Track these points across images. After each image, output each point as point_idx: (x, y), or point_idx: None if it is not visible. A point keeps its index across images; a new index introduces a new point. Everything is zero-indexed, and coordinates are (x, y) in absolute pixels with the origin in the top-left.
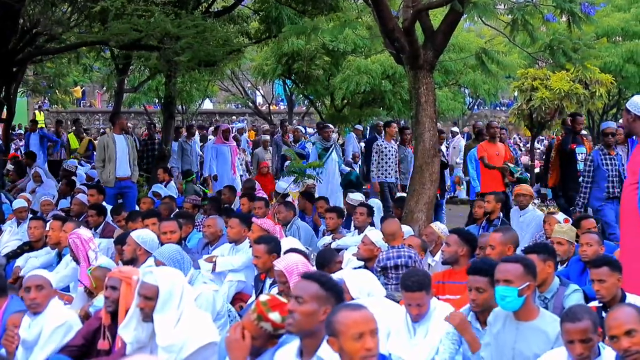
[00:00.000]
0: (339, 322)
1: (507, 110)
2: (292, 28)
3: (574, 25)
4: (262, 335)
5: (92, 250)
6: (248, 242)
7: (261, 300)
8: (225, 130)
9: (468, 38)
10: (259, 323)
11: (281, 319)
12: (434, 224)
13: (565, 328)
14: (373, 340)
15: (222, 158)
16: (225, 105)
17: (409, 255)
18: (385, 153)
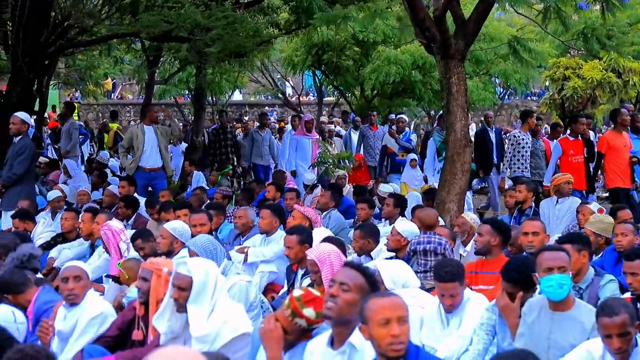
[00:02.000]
0: (368, 308)
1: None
2: (323, 16)
3: (608, 11)
4: (296, 330)
5: (124, 241)
6: (280, 232)
7: (295, 296)
8: (309, 121)
9: (499, 27)
10: (293, 319)
11: (315, 315)
12: (465, 213)
13: (603, 323)
14: (400, 327)
15: (302, 151)
16: (255, 97)
17: (438, 242)
18: (522, 145)
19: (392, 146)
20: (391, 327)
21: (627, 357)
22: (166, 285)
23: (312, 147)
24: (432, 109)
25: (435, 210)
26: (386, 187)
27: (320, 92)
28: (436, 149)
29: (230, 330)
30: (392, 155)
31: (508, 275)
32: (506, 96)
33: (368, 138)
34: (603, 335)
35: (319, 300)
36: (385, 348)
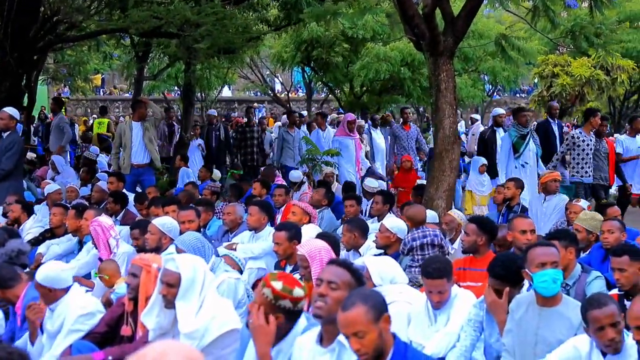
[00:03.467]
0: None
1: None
2: (312, 11)
3: (596, 9)
4: (263, 302)
5: (113, 237)
6: (268, 229)
7: (270, 273)
8: (351, 121)
9: (488, 24)
10: (262, 289)
11: (282, 288)
12: (452, 211)
13: (594, 315)
14: (354, 341)
15: (346, 153)
16: (244, 93)
17: (434, 234)
18: (582, 147)
19: None
20: (350, 342)
21: (620, 348)
22: (155, 282)
23: (355, 148)
24: (421, 106)
25: (423, 207)
26: (373, 182)
27: (309, 89)
28: (512, 145)
29: (218, 327)
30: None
31: (494, 272)
32: (495, 93)
33: (401, 139)
34: (595, 328)
35: (291, 278)
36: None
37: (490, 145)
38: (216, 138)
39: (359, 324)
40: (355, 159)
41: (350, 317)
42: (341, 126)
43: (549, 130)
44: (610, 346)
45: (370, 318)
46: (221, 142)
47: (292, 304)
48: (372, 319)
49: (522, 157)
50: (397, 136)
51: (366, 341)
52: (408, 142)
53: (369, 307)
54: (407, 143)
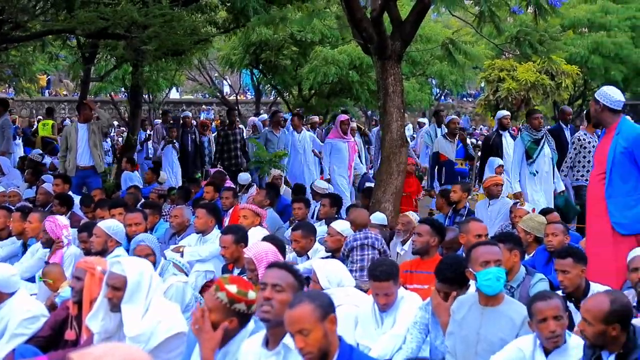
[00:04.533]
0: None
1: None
2: (260, 17)
3: (540, 17)
4: (218, 307)
5: (65, 237)
6: (215, 232)
7: (222, 276)
8: (344, 122)
9: (435, 29)
10: (215, 294)
11: (237, 291)
12: (410, 213)
13: (538, 307)
14: (300, 340)
15: (339, 157)
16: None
17: (375, 238)
18: (588, 149)
19: (446, 152)
20: (295, 340)
21: (560, 343)
22: (100, 285)
23: (349, 152)
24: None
25: (366, 211)
26: (322, 183)
27: (258, 91)
28: (525, 150)
29: (164, 330)
30: (447, 164)
31: (442, 276)
32: (442, 97)
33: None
34: (538, 319)
35: (244, 282)
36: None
37: (496, 150)
38: (192, 141)
39: (304, 322)
40: (348, 163)
41: (296, 315)
42: (334, 128)
43: (561, 136)
44: (550, 338)
45: (316, 317)
46: (197, 145)
47: (247, 307)
48: (318, 318)
49: (535, 163)
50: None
51: (311, 339)
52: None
53: (315, 306)
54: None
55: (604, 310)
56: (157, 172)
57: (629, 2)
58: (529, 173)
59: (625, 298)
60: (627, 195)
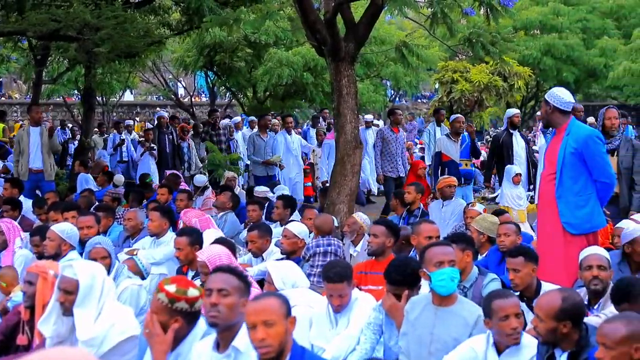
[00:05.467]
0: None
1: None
2: (213, 19)
3: (492, 18)
4: (160, 308)
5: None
6: (169, 234)
7: (164, 279)
8: None
9: (389, 31)
10: (156, 295)
11: (175, 290)
12: (356, 214)
13: (499, 305)
14: (267, 330)
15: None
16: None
17: (337, 246)
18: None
19: (449, 153)
20: (256, 332)
21: (519, 340)
22: (52, 289)
23: None
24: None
25: (331, 217)
26: (262, 188)
27: (212, 93)
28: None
29: (117, 333)
30: (450, 164)
31: (391, 278)
32: (397, 98)
33: (389, 142)
34: (500, 317)
35: (184, 281)
36: (255, 350)
37: (507, 150)
38: (169, 142)
39: (270, 313)
40: None
41: (263, 305)
42: (333, 129)
43: None
44: (511, 335)
45: (282, 312)
46: (175, 146)
47: (189, 305)
48: (284, 314)
49: None
50: (385, 140)
51: (273, 332)
52: (397, 146)
53: (281, 302)
54: (395, 147)
55: (555, 307)
56: (110, 175)
57: (579, 4)
58: None
59: (577, 296)
60: (577, 195)
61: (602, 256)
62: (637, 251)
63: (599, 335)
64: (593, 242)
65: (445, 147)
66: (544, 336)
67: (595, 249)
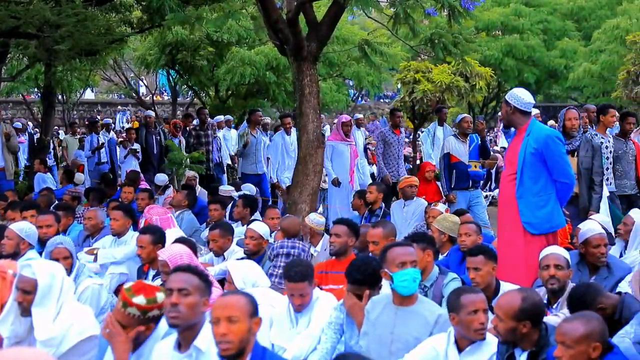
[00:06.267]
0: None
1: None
2: (175, 17)
3: (454, 19)
4: (132, 321)
5: None
6: (130, 233)
7: (125, 288)
8: (346, 122)
9: (352, 30)
10: (125, 310)
11: (146, 301)
12: (308, 216)
13: (470, 299)
14: (229, 326)
15: (340, 160)
16: (107, 96)
17: (302, 248)
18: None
19: (458, 154)
20: (219, 327)
21: (484, 336)
22: (10, 288)
23: (351, 155)
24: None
25: (298, 219)
26: (227, 187)
27: (174, 92)
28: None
29: (76, 333)
30: (458, 166)
31: (352, 277)
32: (359, 98)
33: (390, 145)
34: (468, 311)
35: (149, 288)
36: (216, 345)
37: None
38: (156, 143)
39: (235, 309)
40: (350, 167)
41: (229, 301)
42: (335, 129)
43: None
44: (479, 330)
45: (248, 310)
46: (162, 147)
47: (159, 310)
48: (249, 312)
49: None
50: (386, 142)
51: (236, 328)
52: (398, 148)
53: (249, 301)
54: (396, 150)
55: (515, 307)
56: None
57: (540, 6)
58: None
59: (537, 296)
60: (537, 195)
61: (560, 256)
62: (590, 252)
63: (558, 334)
64: (553, 242)
65: (454, 148)
66: (503, 336)
67: (553, 248)
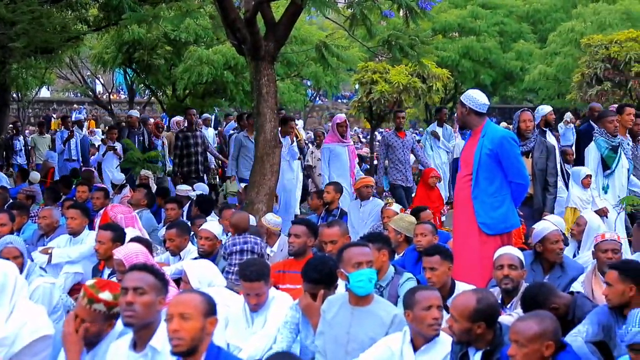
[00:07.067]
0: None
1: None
2: (132, 15)
3: (411, 20)
4: (98, 317)
5: None
6: (86, 232)
7: (88, 285)
8: (341, 123)
9: (310, 31)
10: (91, 306)
11: (113, 297)
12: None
13: (424, 295)
14: (181, 323)
15: (338, 163)
16: (63, 94)
17: (254, 242)
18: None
19: None
20: (172, 323)
21: (438, 332)
22: None
23: (349, 156)
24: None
25: (247, 213)
26: (185, 187)
27: (131, 91)
28: (601, 159)
29: (30, 332)
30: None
31: (308, 276)
32: (317, 98)
33: (395, 149)
34: (423, 307)
35: (112, 284)
36: (169, 343)
37: (586, 142)
38: (139, 143)
39: (189, 307)
40: (350, 169)
41: (184, 298)
42: (331, 131)
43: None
44: (432, 325)
45: (202, 309)
46: (145, 148)
47: None
48: (203, 311)
49: (612, 175)
50: (390, 145)
51: (188, 326)
52: (403, 152)
53: (204, 300)
54: (402, 154)
55: (470, 308)
56: (26, 173)
57: (497, 8)
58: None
59: (492, 297)
60: (492, 196)
61: (514, 256)
62: (547, 249)
63: (512, 333)
64: (507, 242)
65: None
66: (458, 336)
67: (507, 248)
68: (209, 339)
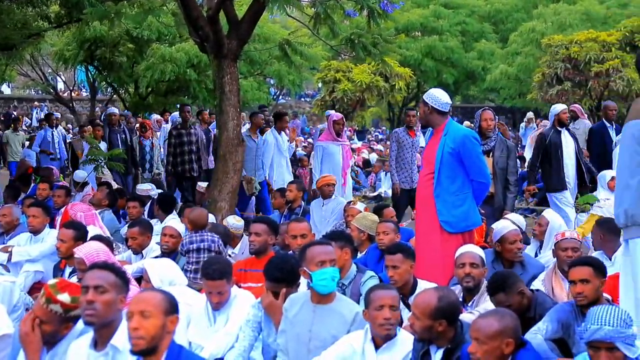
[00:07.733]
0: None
1: (312, 101)
2: (94, 12)
3: (373, 20)
4: (53, 318)
5: None
6: (47, 230)
7: (49, 284)
8: (337, 121)
9: (273, 29)
10: (48, 306)
11: (71, 299)
12: (227, 219)
13: (377, 294)
14: (140, 321)
15: (331, 162)
16: (24, 91)
17: (211, 240)
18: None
19: None
20: (132, 321)
21: (392, 333)
22: None
23: (343, 156)
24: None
25: (205, 210)
26: (145, 186)
27: (93, 88)
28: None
29: None
30: None
31: (270, 274)
32: (280, 97)
33: (404, 147)
34: (375, 306)
35: (74, 286)
36: (129, 341)
37: (556, 150)
38: (121, 141)
39: (149, 304)
40: (343, 169)
41: (144, 296)
42: (326, 129)
43: (605, 135)
44: (383, 325)
45: (162, 307)
46: (129, 146)
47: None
48: (163, 309)
49: None
50: (400, 144)
51: (147, 324)
52: (411, 152)
53: (165, 298)
54: (409, 153)
55: (431, 306)
56: None
57: (459, 8)
58: None
59: (453, 295)
60: (454, 194)
61: (475, 254)
62: (506, 248)
63: (473, 330)
64: (469, 240)
65: None
66: (419, 334)
67: (469, 247)
68: (170, 337)
